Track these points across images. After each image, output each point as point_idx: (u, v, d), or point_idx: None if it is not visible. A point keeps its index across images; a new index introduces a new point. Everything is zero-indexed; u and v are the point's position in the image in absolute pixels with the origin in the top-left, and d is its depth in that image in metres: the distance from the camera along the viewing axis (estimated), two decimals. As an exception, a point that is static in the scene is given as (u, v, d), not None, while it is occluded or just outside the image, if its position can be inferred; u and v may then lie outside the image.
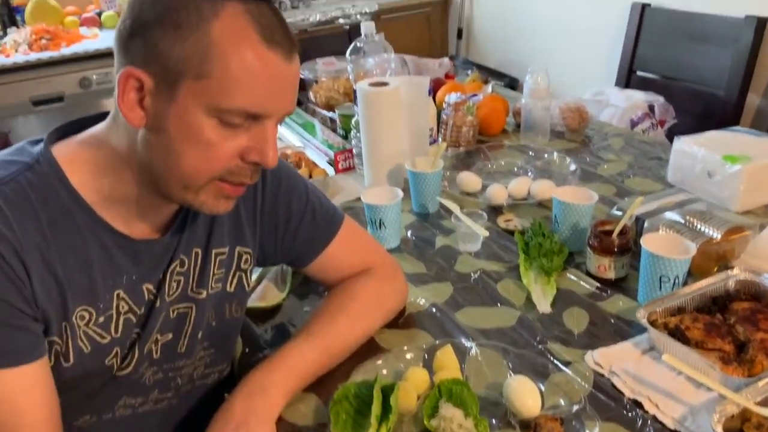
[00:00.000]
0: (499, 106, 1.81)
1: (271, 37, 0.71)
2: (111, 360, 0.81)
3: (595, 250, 1.11)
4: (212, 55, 0.69)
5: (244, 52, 0.69)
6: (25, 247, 0.71)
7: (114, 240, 0.79)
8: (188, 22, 0.69)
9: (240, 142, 0.74)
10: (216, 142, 0.72)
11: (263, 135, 0.74)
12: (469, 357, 0.94)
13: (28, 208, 0.73)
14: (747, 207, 1.31)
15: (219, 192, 0.77)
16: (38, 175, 0.75)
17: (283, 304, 1.12)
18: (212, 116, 0.71)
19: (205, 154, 0.73)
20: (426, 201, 1.41)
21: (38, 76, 2.56)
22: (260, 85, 0.71)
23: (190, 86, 0.70)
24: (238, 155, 0.75)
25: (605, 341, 0.97)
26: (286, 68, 0.73)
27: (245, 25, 0.70)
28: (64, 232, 0.75)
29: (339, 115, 1.75)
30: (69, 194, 0.76)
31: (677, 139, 1.42)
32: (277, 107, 0.74)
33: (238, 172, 0.76)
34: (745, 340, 0.90)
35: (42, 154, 0.76)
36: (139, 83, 0.71)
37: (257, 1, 0.72)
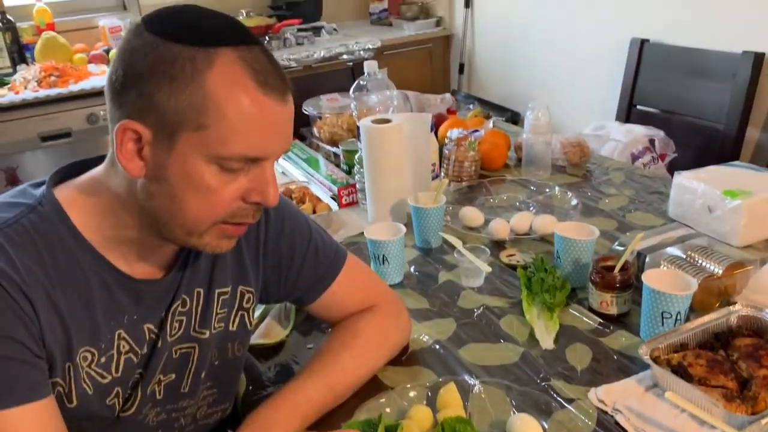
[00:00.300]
0: (500, 141, 1.83)
1: (265, 82, 0.71)
2: (112, 400, 0.81)
3: (597, 286, 1.12)
4: (209, 106, 0.69)
5: (240, 100, 0.70)
6: (31, 286, 0.71)
7: (116, 279, 0.80)
8: (183, 75, 0.69)
9: (240, 185, 0.75)
10: (217, 187, 0.73)
11: (263, 176, 0.75)
12: (472, 394, 0.94)
13: (32, 250, 0.73)
14: (748, 242, 1.32)
15: (222, 233, 0.78)
16: (41, 217, 0.75)
17: (286, 341, 1.13)
18: (212, 163, 0.72)
19: (207, 200, 0.74)
20: (429, 236, 1.42)
21: (46, 112, 2.60)
22: (258, 131, 0.72)
23: (189, 137, 0.70)
24: (240, 198, 0.75)
25: (608, 378, 0.97)
26: (281, 110, 0.74)
27: (239, 72, 0.70)
28: (67, 272, 0.76)
29: (342, 151, 1.77)
30: (71, 234, 0.76)
31: (677, 174, 1.44)
32: (275, 149, 0.75)
33: (241, 214, 0.77)
34: (748, 377, 0.90)
35: (44, 196, 0.77)
36: (137, 135, 0.71)
37: (249, 45, 0.72)
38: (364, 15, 3.87)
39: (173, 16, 0.73)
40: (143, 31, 0.71)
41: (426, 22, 3.59)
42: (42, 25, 3.02)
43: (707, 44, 2.35)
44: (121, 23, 3.17)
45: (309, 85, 2.27)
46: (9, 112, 2.54)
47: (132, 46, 0.71)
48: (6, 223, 0.74)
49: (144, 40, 0.71)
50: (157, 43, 0.70)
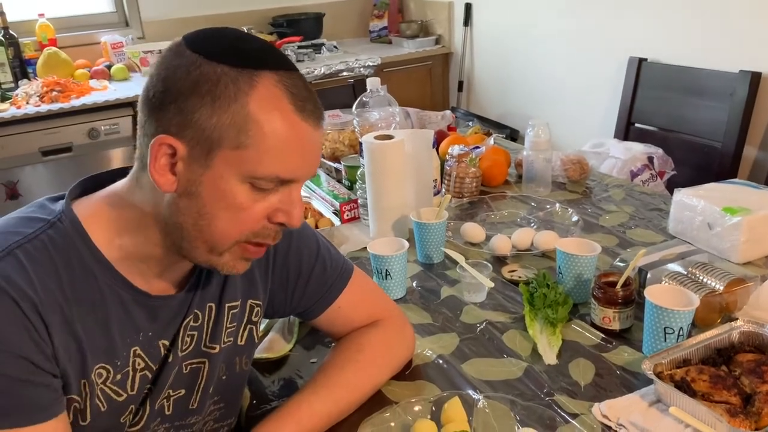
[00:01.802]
0: (501, 157, 1.85)
1: (303, 107, 0.73)
2: (126, 418, 0.82)
3: (600, 302, 1.12)
4: (250, 126, 0.71)
5: (279, 122, 0.72)
6: (46, 305, 0.72)
7: (132, 297, 0.80)
8: (226, 94, 0.70)
9: (269, 205, 0.76)
10: (247, 206, 0.75)
11: (290, 197, 0.77)
12: (476, 409, 0.94)
13: (50, 267, 0.73)
14: (748, 258, 1.33)
15: (242, 253, 0.79)
16: (60, 233, 0.76)
17: (290, 355, 1.13)
18: (245, 182, 0.73)
19: (235, 218, 0.75)
20: (431, 251, 1.42)
21: (48, 126, 2.62)
22: (294, 154, 0.74)
23: (226, 155, 0.72)
24: (266, 217, 0.77)
25: (612, 393, 0.97)
26: (314, 135, 0.76)
27: (279, 95, 0.72)
28: (84, 290, 0.76)
29: (344, 167, 1.78)
30: (90, 252, 0.76)
31: (677, 191, 1.45)
32: (306, 172, 0.77)
33: (264, 234, 0.78)
34: (751, 392, 0.91)
35: (63, 212, 0.77)
36: (172, 150, 0.72)
37: (288, 70, 0.74)
38: (364, 33, 3.91)
39: (217, 37, 0.74)
40: (185, 50, 0.72)
41: (425, 40, 3.63)
42: (44, 41, 3.04)
43: (705, 63, 2.38)
44: (123, 39, 3.20)
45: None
46: (10, 127, 2.56)
47: (173, 64, 0.72)
48: (26, 238, 0.74)
49: (186, 58, 0.72)
50: (200, 62, 0.71)
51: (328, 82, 3.12)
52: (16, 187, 2.63)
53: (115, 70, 3.06)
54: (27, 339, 0.70)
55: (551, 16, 3.03)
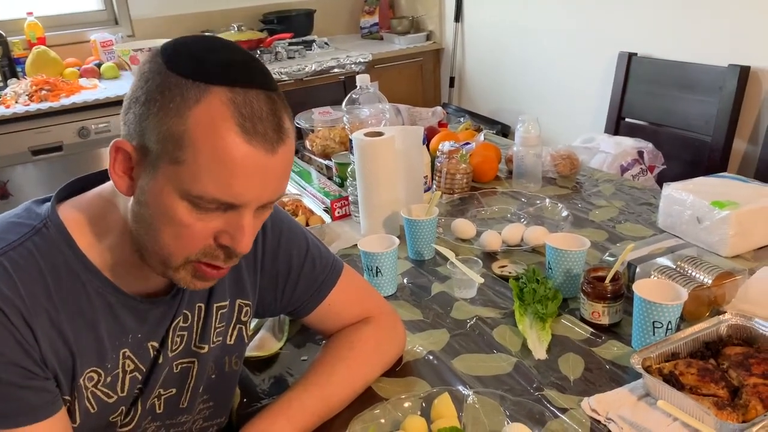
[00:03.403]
0: (491, 153, 1.85)
1: (252, 129, 0.68)
2: (115, 418, 0.82)
3: (589, 296, 1.13)
4: (186, 143, 0.68)
5: (217, 142, 0.68)
6: (33, 311, 0.72)
7: (120, 300, 0.80)
8: (171, 106, 0.68)
9: (214, 225, 0.73)
10: (189, 223, 0.71)
11: (238, 222, 0.72)
12: (466, 405, 0.94)
13: (36, 273, 0.73)
14: (736, 252, 1.34)
15: (195, 272, 0.76)
16: (45, 239, 0.75)
17: (280, 353, 1.13)
18: (184, 200, 0.70)
19: (177, 234, 0.72)
20: (421, 248, 1.43)
21: (37, 126, 2.60)
22: (233, 176, 0.69)
23: (166, 169, 0.70)
24: (212, 237, 0.73)
25: (601, 387, 0.98)
26: (266, 160, 0.70)
27: (225, 114, 0.68)
28: (71, 296, 0.76)
29: (335, 164, 1.78)
30: (76, 257, 0.76)
31: (666, 186, 1.45)
32: (253, 197, 0.72)
33: (212, 254, 0.74)
34: (738, 385, 0.91)
35: (49, 217, 0.77)
36: (127, 155, 0.72)
37: (251, 87, 0.70)
38: (354, 29, 3.90)
39: (185, 46, 0.72)
40: (157, 57, 0.71)
41: (416, 36, 3.63)
42: (33, 39, 3.02)
43: (694, 58, 2.38)
44: (112, 38, 3.18)
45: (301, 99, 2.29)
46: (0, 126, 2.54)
47: (143, 69, 0.72)
48: (10, 245, 0.73)
49: (154, 65, 0.71)
50: (161, 71, 0.70)
51: (318, 79, 3.12)
52: (6, 187, 2.62)
53: (104, 69, 3.04)
54: (14, 345, 0.70)
55: (542, 11, 3.03)
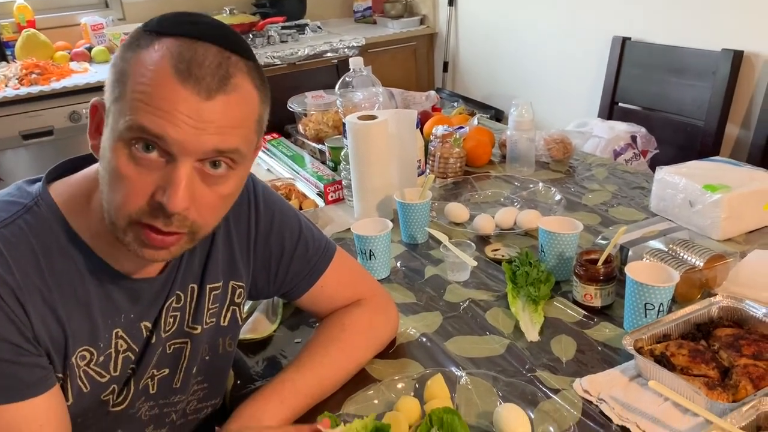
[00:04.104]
0: (485, 138, 1.85)
1: (187, 71, 0.68)
2: (107, 396, 0.82)
3: (581, 279, 1.13)
4: (125, 78, 0.69)
5: (150, 77, 0.68)
6: (25, 289, 0.72)
7: (112, 279, 0.80)
8: (125, 53, 0.71)
9: (151, 179, 0.70)
10: (128, 174, 0.69)
11: (172, 175, 0.69)
12: (459, 386, 0.95)
13: (28, 251, 0.73)
14: (728, 235, 1.34)
15: (140, 236, 0.73)
16: (37, 218, 0.75)
17: (274, 335, 1.13)
18: (125, 146, 0.69)
19: (120, 188, 0.70)
20: (415, 232, 1.43)
21: (28, 110, 2.58)
22: (162, 111, 0.67)
23: (113, 112, 0.70)
24: (149, 193, 0.70)
25: (593, 368, 0.98)
26: (197, 104, 0.68)
27: (165, 56, 0.68)
28: (63, 275, 0.75)
29: (328, 148, 1.77)
30: (68, 236, 0.76)
31: (659, 169, 1.46)
32: (185, 140, 0.68)
33: (149, 213, 0.71)
34: (729, 366, 0.92)
35: (40, 195, 0.77)
36: (99, 113, 0.74)
37: (198, 40, 0.70)
38: (348, 13, 3.87)
39: (167, 14, 0.74)
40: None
41: (410, 20, 3.61)
42: (23, 23, 2.99)
43: (688, 42, 2.38)
44: (103, 20, 3.15)
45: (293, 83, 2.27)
46: (-10, 110, 2.52)
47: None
48: (1, 223, 0.73)
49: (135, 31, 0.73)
50: (135, 34, 0.72)
51: (311, 63, 3.10)
52: (-3, 171, 2.60)
53: (95, 53, 3.01)
54: (6, 323, 0.70)
55: (536, -5, 3.02)
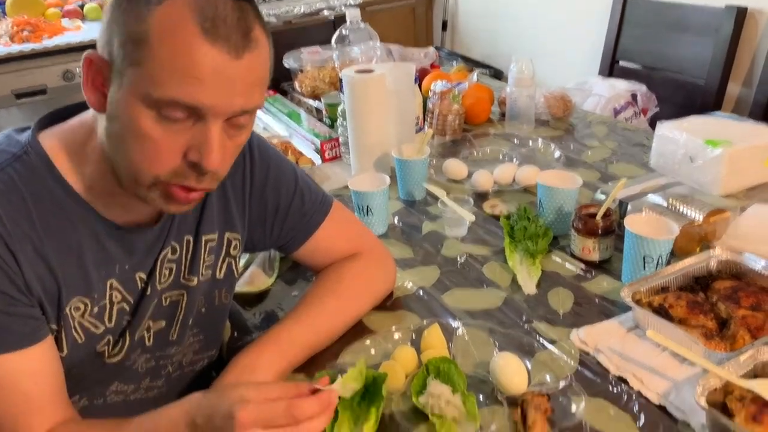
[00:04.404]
0: (484, 95, 1.82)
1: (214, 30, 0.66)
2: (102, 348, 0.82)
3: (580, 233, 1.12)
4: (145, 43, 0.66)
5: (176, 41, 0.65)
6: (15, 238, 0.71)
7: (105, 230, 0.78)
8: (135, 8, 0.67)
9: (182, 140, 0.69)
10: (155, 137, 0.68)
11: (205, 134, 0.69)
12: (455, 337, 0.95)
13: (18, 200, 0.72)
14: (729, 191, 1.33)
15: (166, 194, 0.73)
16: (27, 166, 0.74)
17: (271, 289, 1.13)
18: (151, 108, 0.67)
19: (145, 150, 0.69)
20: (413, 188, 1.41)
21: (20, 68, 2.53)
22: (193, 77, 0.66)
23: (130, 74, 0.67)
24: (180, 154, 0.70)
25: (590, 321, 0.98)
26: (228, 64, 0.67)
27: (186, 14, 0.65)
28: (55, 224, 0.74)
29: (325, 104, 1.75)
30: (59, 185, 0.75)
31: (660, 125, 1.44)
32: (217, 104, 0.68)
33: (183, 174, 0.71)
34: (727, 317, 0.92)
35: (30, 144, 0.75)
36: (98, 68, 0.70)
37: None
38: (345, -29, 3.79)
39: None
40: None
41: (408, -23, 3.54)
42: (12, -21, 2.92)
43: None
44: (95, -23, 3.08)
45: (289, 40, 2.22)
46: (-19, 68, 2.48)
47: None
48: None
49: None
50: None
51: (308, 21, 3.04)
52: (-10, 131, 2.57)
53: (88, 10, 2.95)
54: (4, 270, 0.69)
55: (537, -49, 2.96)
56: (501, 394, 0.84)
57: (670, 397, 0.82)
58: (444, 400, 0.78)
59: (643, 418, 0.80)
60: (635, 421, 0.79)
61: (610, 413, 0.81)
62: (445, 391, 0.79)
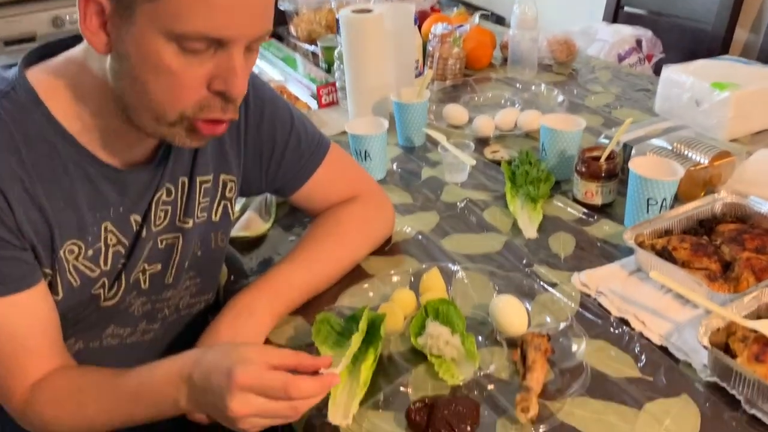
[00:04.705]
0: (485, 39, 1.78)
1: None
2: (98, 290, 0.80)
3: (583, 176, 1.10)
4: None
5: None
6: (5, 178, 0.68)
7: (98, 170, 0.76)
8: None
9: (205, 71, 0.68)
10: (178, 70, 0.66)
11: (229, 62, 0.68)
12: (455, 280, 0.93)
13: (7, 140, 0.69)
14: (734, 135, 1.31)
15: (191, 129, 0.72)
16: (15, 104, 0.71)
17: (268, 234, 1.11)
18: (171, 41, 0.65)
19: (169, 85, 0.67)
20: (412, 133, 1.38)
21: (8, 14, 2.47)
22: (219, 9, 0.64)
23: (146, 9, 0.64)
24: (205, 85, 0.69)
25: (592, 264, 0.97)
26: None
27: None
28: (46, 165, 0.72)
29: (321, 48, 1.70)
30: (49, 124, 0.72)
31: (665, 68, 1.40)
32: (240, 30, 0.66)
33: (208, 105, 0.70)
34: (731, 260, 0.91)
35: (17, 81, 0.72)
36: (99, 6, 0.66)
37: None
38: None
39: None
40: None
41: None
42: None
43: (699, -59, 2.26)
44: None
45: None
46: (-33, 14, 2.41)
47: None
48: None
49: None
50: None
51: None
52: (-20, 80, 2.52)
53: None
54: None
55: None
56: (500, 336, 0.83)
57: (671, 339, 0.81)
58: (443, 341, 0.77)
59: (644, 359, 0.79)
60: (636, 362, 0.79)
61: (610, 354, 0.80)
62: (443, 332, 0.78)
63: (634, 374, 0.77)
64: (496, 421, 0.72)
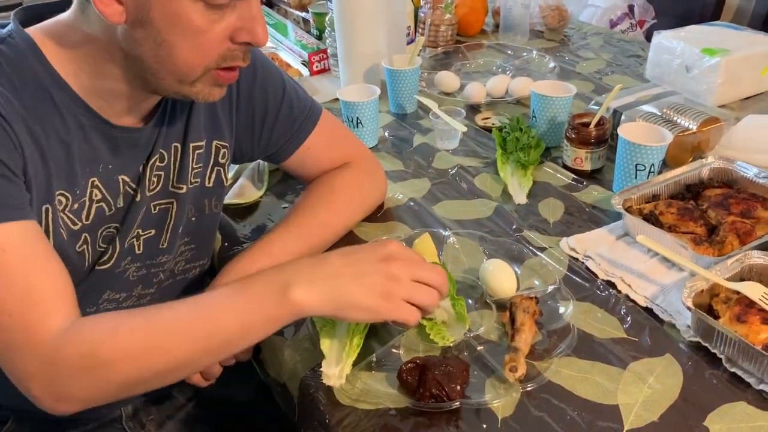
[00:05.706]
0: (477, 4, 1.77)
1: None
2: (81, 247, 0.80)
3: (572, 142, 1.11)
4: None
5: None
6: (11, 116, 0.68)
7: (92, 123, 0.76)
8: None
9: (228, 24, 0.70)
10: (205, 27, 0.69)
11: (250, 12, 0.71)
12: (446, 245, 0.95)
13: (6, 82, 0.69)
14: (723, 101, 1.32)
15: (214, 81, 0.75)
16: (13, 49, 0.71)
17: (261, 201, 1.12)
18: (197, 1, 0.67)
19: (196, 43, 0.69)
20: (403, 100, 1.39)
21: (-7, -20, 2.43)
22: None
23: None
24: (228, 38, 0.71)
25: (580, 229, 0.99)
26: None
27: None
28: (43, 111, 0.72)
29: (312, 14, 1.69)
30: (46, 71, 0.72)
31: (656, 34, 1.41)
32: None
33: (231, 56, 0.73)
34: (716, 224, 0.92)
35: (14, 30, 0.72)
36: None
37: None
38: None
39: None
40: None
41: None
42: None
43: None
44: None
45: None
46: (-48, -20, 2.37)
47: None
48: None
49: None
50: None
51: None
52: (-33, 47, 2.49)
53: None
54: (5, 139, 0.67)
55: None
56: (490, 298, 0.85)
57: (657, 300, 0.83)
58: (434, 304, 0.79)
59: (629, 320, 0.81)
60: (622, 323, 0.81)
61: (597, 316, 0.82)
62: (435, 296, 0.79)
63: (620, 335, 0.79)
64: (486, 380, 0.74)
